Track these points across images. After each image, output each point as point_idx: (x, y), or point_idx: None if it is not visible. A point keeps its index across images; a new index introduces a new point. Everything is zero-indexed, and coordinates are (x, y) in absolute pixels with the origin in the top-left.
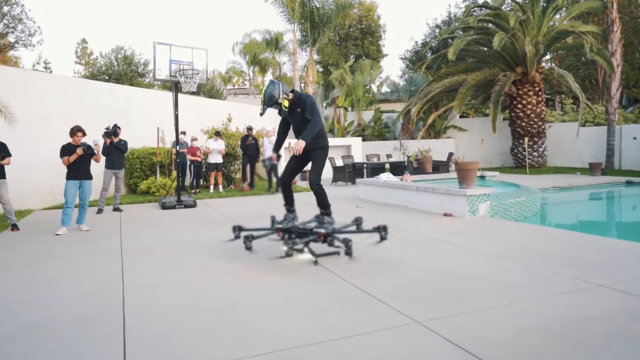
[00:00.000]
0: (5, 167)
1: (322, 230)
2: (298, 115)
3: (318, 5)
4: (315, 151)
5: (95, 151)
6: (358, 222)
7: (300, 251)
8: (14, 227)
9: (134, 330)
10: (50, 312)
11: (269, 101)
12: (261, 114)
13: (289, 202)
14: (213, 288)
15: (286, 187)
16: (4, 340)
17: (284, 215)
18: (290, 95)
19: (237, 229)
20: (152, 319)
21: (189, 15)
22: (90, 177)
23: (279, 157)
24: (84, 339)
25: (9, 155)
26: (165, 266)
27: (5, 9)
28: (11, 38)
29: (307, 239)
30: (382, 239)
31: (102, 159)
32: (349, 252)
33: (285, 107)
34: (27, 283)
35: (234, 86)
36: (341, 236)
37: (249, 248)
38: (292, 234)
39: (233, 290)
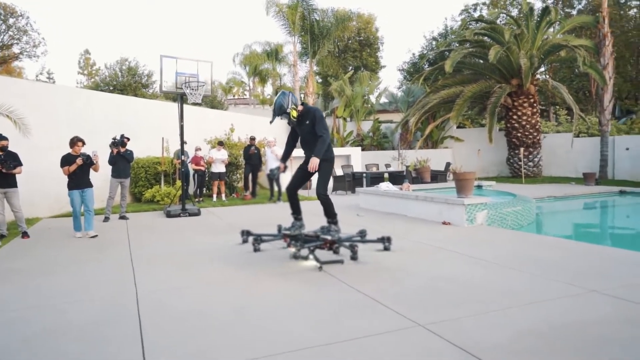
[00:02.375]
0: (17, 176)
1: (329, 237)
2: (306, 126)
3: (318, 18)
4: (322, 163)
5: (95, 161)
6: (362, 234)
7: (306, 258)
8: (25, 234)
9: (150, 334)
10: (68, 317)
11: (279, 110)
12: (270, 122)
13: (296, 211)
14: (222, 293)
15: (293, 197)
16: (24, 344)
17: (291, 223)
18: (300, 107)
19: (246, 234)
20: (167, 323)
21: (190, 27)
22: (90, 185)
23: (285, 167)
24: (104, 342)
25: (20, 164)
26: (175, 272)
27: (11, 20)
28: (16, 49)
29: (313, 245)
30: (386, 249)
31: (103, 167)
32: (354, 257)
33: (294, 117)
34: (42, 289)
35: (234, 96)
36: (347, 242)
37: (257, 249)
38: (299, 240)
39: (241, 296)
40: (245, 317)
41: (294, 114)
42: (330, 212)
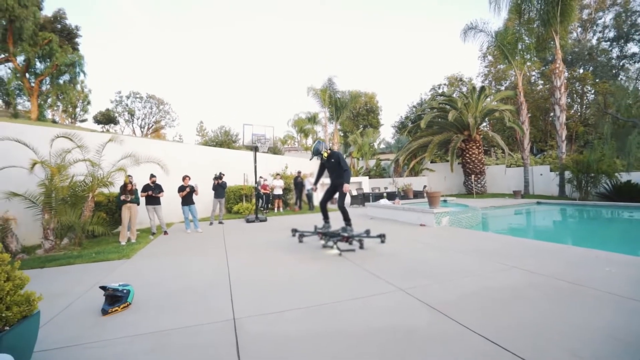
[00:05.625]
0: (161, 198)
1: (346, 234)
2: (332, 163)
3: (339, 97)
4: (341, 186)
5: (196, 189)
6: (368, 232)
7: (331, 247)
8: (165, 232)
9: (236, 292)
10: (190, 281)
11: (316, 152)
12: (310, 159)
13: (325, 217)
14: (280, 268)
15: (323, 207)
16: (169, 295)
17: (322, 225)
18: (328, 151)
19: (294, 231)
20: (245, 286)
21: (263, 103)
22: (193, 203)
23: (316, 189)
24: (211, 295)
25: (162, 191)
26: (250, 255)
27: (161, 107)
28: (162, 123)
29: (336, 239)
30: (382, 242)
31: (203, 192)
32: (362, 247)
33: (325, 157)
34: (176, 264)
35: (288, 146)
36: (357, 237)
37: (301, 241)
38: (327, 235)
39: (291, 270)
40: (293, 283)
41: (325, 154)
42: (346, 218)
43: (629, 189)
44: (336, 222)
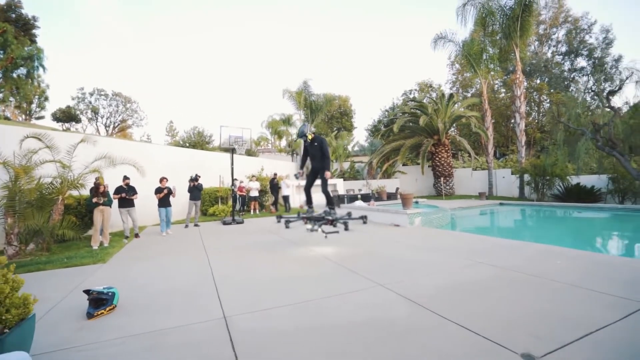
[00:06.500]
0: (135, 200)
1: (330, 217)
2: (315, 147)
3: (314, 99)
4: (322, 171)
5: (173, 191)
6: (350, 215)
7: (316, 230)
8: (137, 235)
9: (222, 292)
10: (174, 283)
11: (301, 134)
12: (295, 140)
13: (309, 202)
14: (262, 268)
15: (308, 193)
16: (156, 297)
17: (306, 210)
18: (313, 134)
19: (279, 217)
20: (231, 286)
21: (235, 103)
22: (170, 205)
23: (303, 173)
24: (199, 296)
25: (136, 193)
26: (231, 257)
27: (128, 105)
28: (130, 122)
29: (321, 222)
30: (364, 222)
31: (179, 194)
32: (347, 228)
33: (309, 139)
34: (157, 267)
35: (262, 147)
36: (341, 220)
37: (288, 227)
38: (312, 220)
39: (274, 271)
40: (277, 282)
41: (310, 137)
42: (330, 202)
43: (577, 191)
44: (319, 209)
